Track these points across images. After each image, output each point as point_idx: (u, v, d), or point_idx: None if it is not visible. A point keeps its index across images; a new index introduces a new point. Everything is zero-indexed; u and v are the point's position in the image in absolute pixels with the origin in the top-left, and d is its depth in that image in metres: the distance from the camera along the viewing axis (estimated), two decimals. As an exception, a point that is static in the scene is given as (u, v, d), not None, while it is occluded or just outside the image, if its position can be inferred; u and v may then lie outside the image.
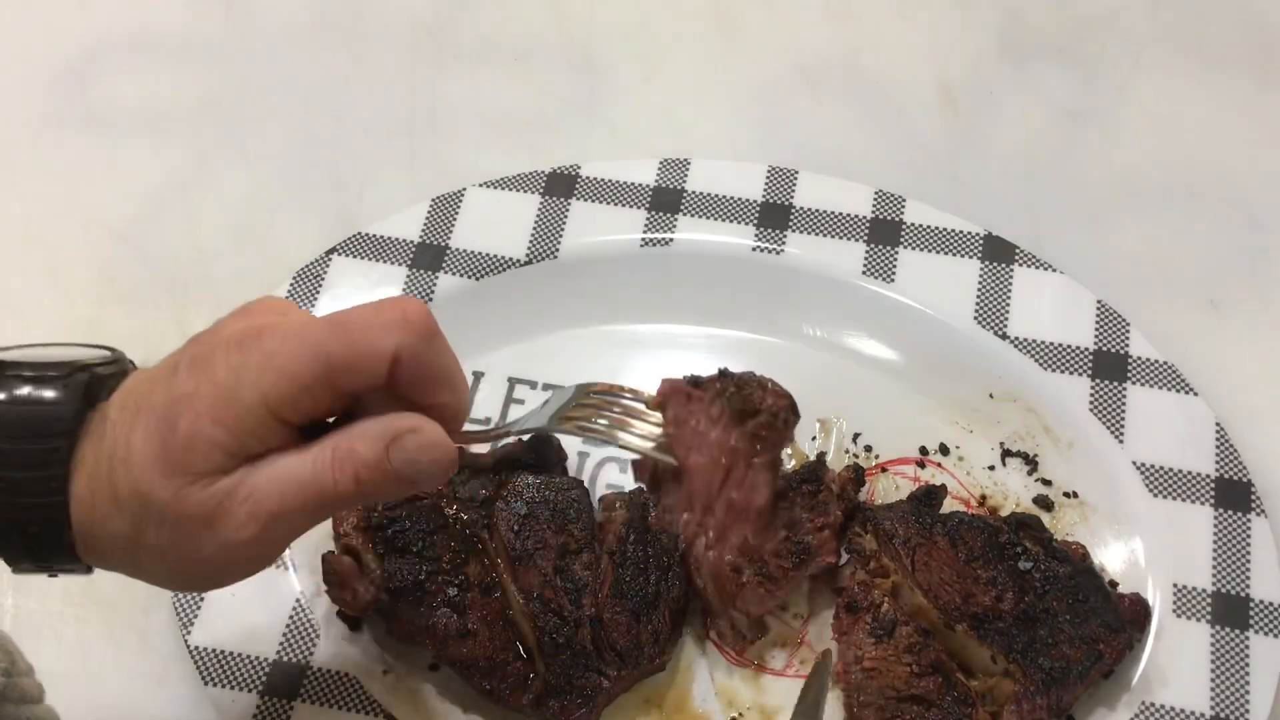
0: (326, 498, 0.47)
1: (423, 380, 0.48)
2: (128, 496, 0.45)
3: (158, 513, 0.45)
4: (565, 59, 0.90)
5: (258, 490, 0.46)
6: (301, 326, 0.47)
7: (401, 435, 0.47)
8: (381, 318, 0.47)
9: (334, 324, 0.47)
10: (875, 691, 0.60)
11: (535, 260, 0.76)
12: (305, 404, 0.46)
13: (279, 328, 0.46)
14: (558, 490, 0.66)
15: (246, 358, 0.45)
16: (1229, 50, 0.88)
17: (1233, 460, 0.68)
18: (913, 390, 0.73)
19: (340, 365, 0.46)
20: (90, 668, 0.67)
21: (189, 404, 0.45)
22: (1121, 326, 0.72)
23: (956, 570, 0.63)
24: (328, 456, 0.46)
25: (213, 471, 0.45)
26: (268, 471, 0.46)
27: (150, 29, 0.93)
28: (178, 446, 0.45)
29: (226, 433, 0.45)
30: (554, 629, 0.62)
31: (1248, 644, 0.63)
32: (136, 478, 0.45)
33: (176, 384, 0.46)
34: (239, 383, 0.45)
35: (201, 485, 0.45)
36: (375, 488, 0.47)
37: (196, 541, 0.46)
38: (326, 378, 0.46)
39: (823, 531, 0.64)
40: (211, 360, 0.46)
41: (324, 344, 0.46)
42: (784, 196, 0.77)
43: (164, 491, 0.45)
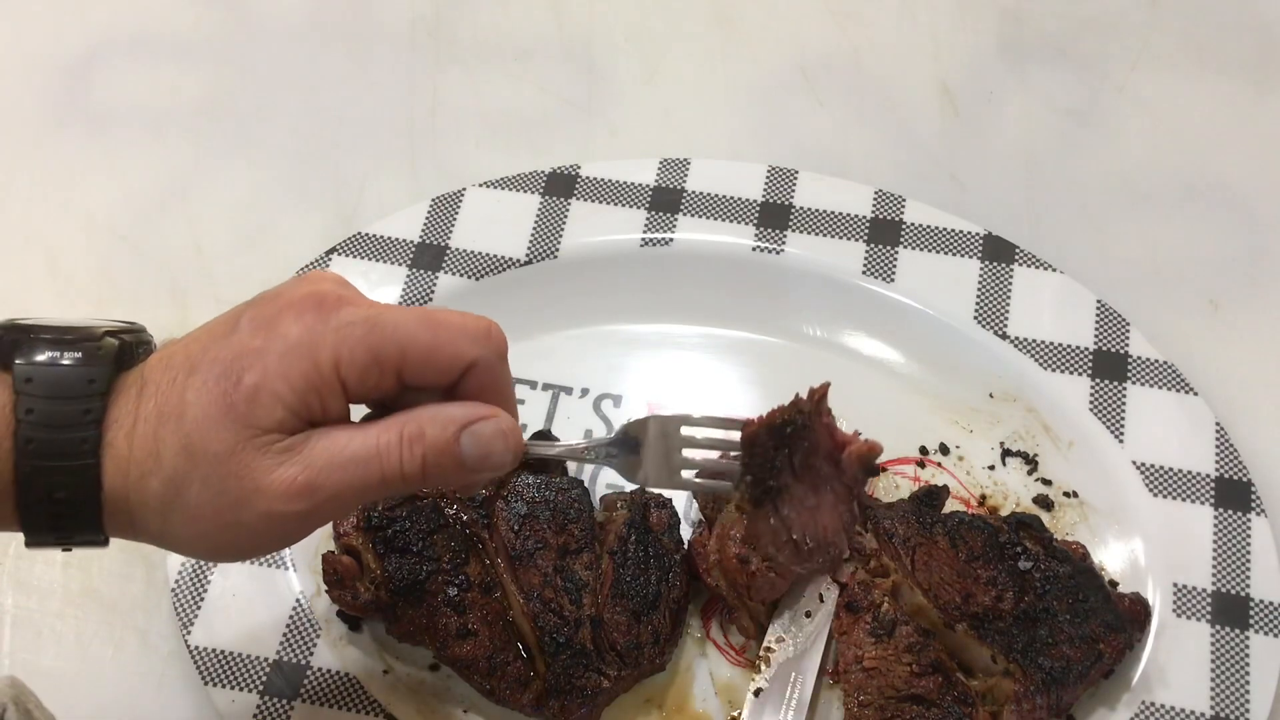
0: (388, 478, 0.46)
1: (484, 394, 0.49)
2: (174, 452, 0.44)
3: (206, 467, 0.44)
4: (565, 59, 0.90)
5: (316, 459, 0.45)
6: (388, 308, 0.48)
7: (475, 421, 0.48)
8: (469, 325, 0.49)
9: (423, 315, 0.48)
10: (875, 691, 0.60)
11: (535, 260, 0.76)
12: (372, 380, 0.46)
13: (361, 302, 0.47)
14: (558, 490, 0.66)
15: (325, 321, 0.46)
16: (1229, 50, 0.88)
17: (1233, 460, 0.68)
18: (913, 390, 0.73)
19: (421, 355, 0.47)
20: (90, 668, 0.67)
21: (257, 358, 0.45)
22: (1121, 326, 0.72)
23: (956, 570, 0.63)
24: (394, 437, 0.46)
25: (273, 428, 0.45)
26: (328, 442, 0.46)
27: (150, 29, 0.93)
28: (241, 399, 0.44)
29: (292, 390, 0.45)
30: (554, 629, 0.62)
31: (1248, 644, 0.63)
32: (189, 431, 0.44)
33: (239, 340, 0.46)
34: (314, 343, 0.45)
35: (260, 441, 0.45)
36: (441, 472, 0.47)
37: (240, 506, 0.45)
38: (402, 362, 0.47)
39: None
40: (281, 320, 0.46)
41: (411, 330, 0.47)
42: (784, 196, 0.77)
43: (219, 444, 0.44)
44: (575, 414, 0.74)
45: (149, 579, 0.69)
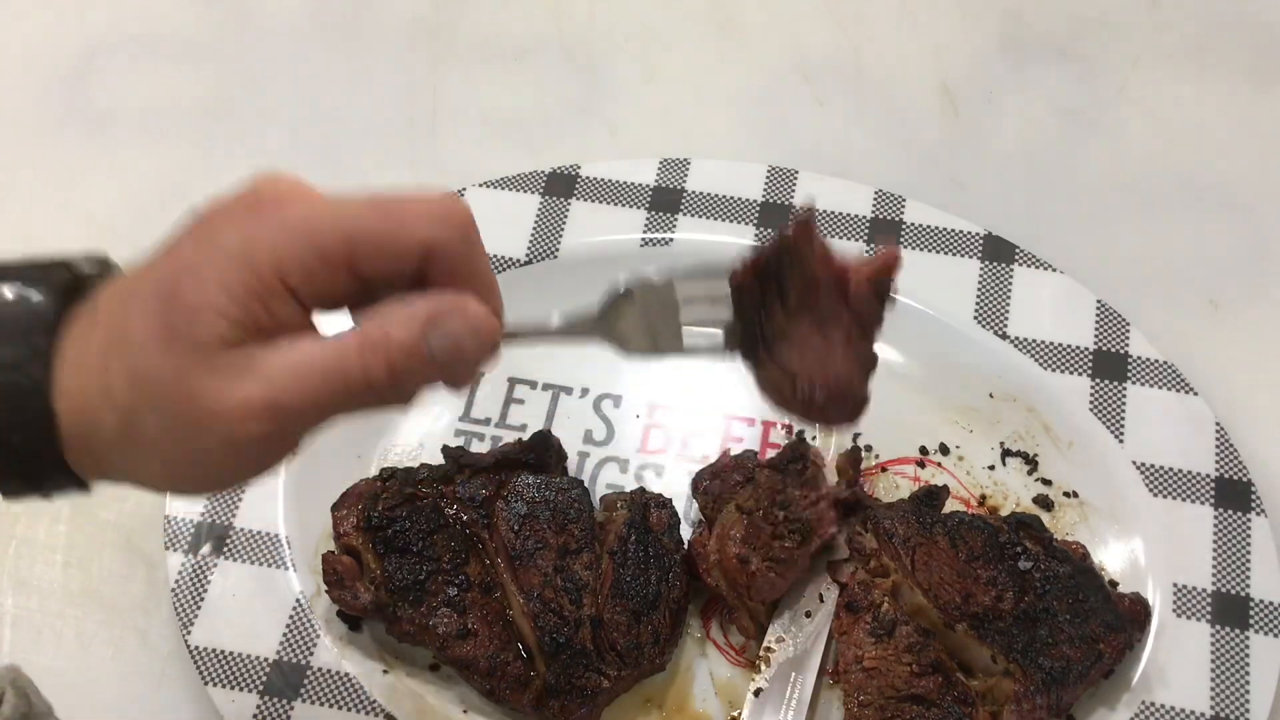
0: (352, 386, 0.42)
1: (453, 279, 0.44)
2: (123, 383, 0.41)
3: (156, 396, 0.41)
4: (565, 59, 0.90)
5: (273, 373, 0.41)
6: (331, 198, 0.43)
7: (442, 315, 0.42)
8: (422, 205, 0.43)
9: (369, 201, 0.43)
10: (875, 691, 0.60)
11: (535, 260, 0.76)
12: (321, 279, 0.42)
13: (304, 197, 0.43)
14: (558, 490, 0.66)
15: (263, 221, 0.42)
16: (1229, 50, 0.88)
17: (1233, 460, 0.68)
18: (913, 390, 0.73)
19: (369, 243, 0.42)
20: (90, 668, 0.67)
21: (193, 273, 0.41)
22: (1121, 326, 0.72)
23: (956, 570, 0.63)
24: (354, 340, 0.42)
25: (217, 344, 0.40)
26: (283, 353, 0.41)
27: (150, 29, 0.93)
28: (180, 318, 0.40)
29: (232, 300, 0.40)
30: (554, 629, 0.62)
31: (1248, 643, 0.63)
32: (134, 360, 0.41)
33: (176, 256, 0.42)
34: (251, 248, 0.41)
35: (205, 359, 0.40)
36: (412, 375, 0.43)
37: (198, 432, 0.41)
38: (350, 254, 0.42)
39: (818, 505, 0.64)
40: (219, 228, 0.42)
41: (355, 217, 0.42)
42: (784, 196, 0.77)
43: (164, 370, 0.40)
44: (575, 414, 0.74)
45: (149, 579, 0.69)
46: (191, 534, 0.67)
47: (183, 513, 0.68)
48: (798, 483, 0.65)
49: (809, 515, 0.64)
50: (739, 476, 0.66)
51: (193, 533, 0.67)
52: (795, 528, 0.64)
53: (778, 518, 0.64)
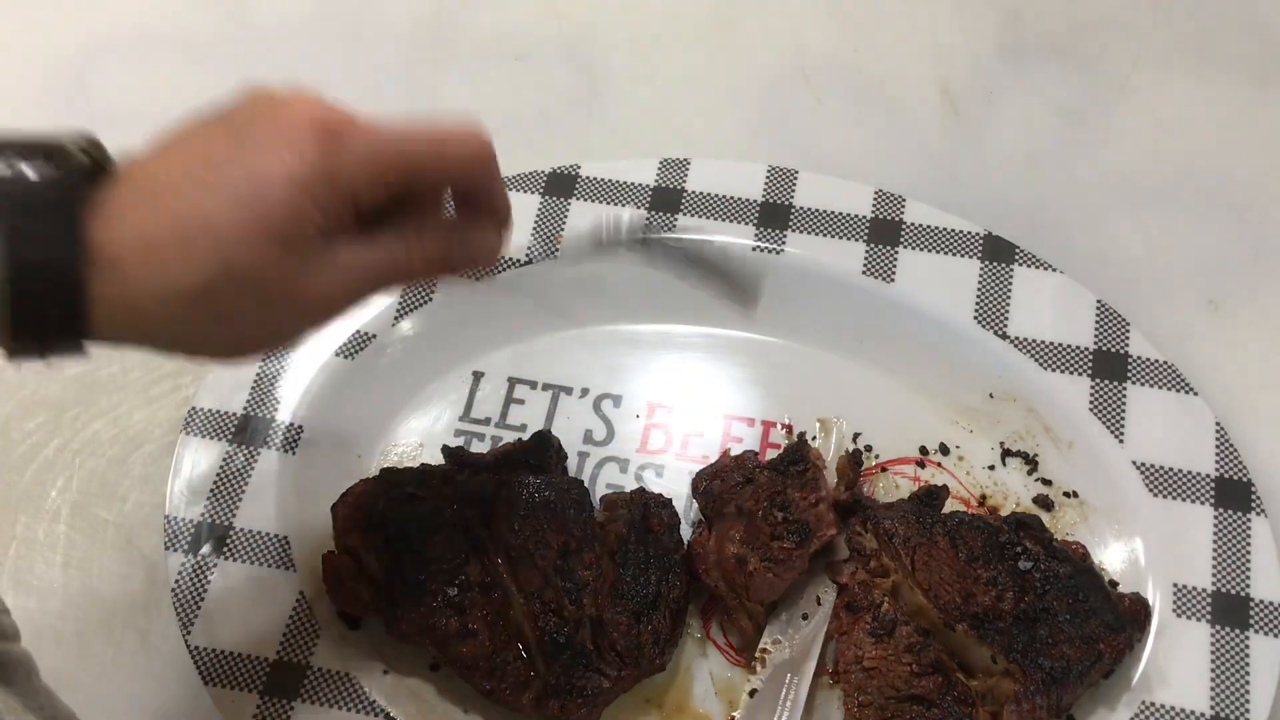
0: (395, 273, 0.53)
1: (475, 194, 0.55)
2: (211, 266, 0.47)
3: (245, 279, 0.48)
4: (565, 59, 0.90)
5: (346, 267, 0.50)
6: (382, 127, 0.51)
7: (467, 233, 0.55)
8: (458, 140, 0.53)
9: (418, 135, 0.52)
10: (875, 691, 0.60)
11: (535, 260, 0.76)
12: (380, 195, 0.51)
13: (357, 127, 0.51)
14: (558, 490, 0.66)
15: (340, 145, 0.49)
16: (1229, 50, 0.88)
17: (1233, 460, 0.68)
18: (913, 390, 0.73)
19: (419, 172, 0.52)
20: (90, 668, 0.67)
21: (286, 182, 0.48)
22: (1121, 326, 0.72)
23: (956, 570, 0.63)
24: (398, 244, 0.52)
25: (305, 244, 0.49)
26: (349, 257, 0.50)
27: (150, 29, 0.93)
28: (277, 219, 0.48)
29: (319, 210, 0.49)
30: (554, 629, 0.62)
31: (1248, 644, 0.63)
32: (225, 246, 0.47)
33: (257, 160, 0.49)
34: (333, 166, 0.49)
35: (296, 255, 0.48)
36: (433, 272, 0.54)
37: (277, 310, 0.49)
38: (404, 181, 0.51)
39: (817, 506, 0.65)
40: (299, 142, 0.49)
41: (412, 149, 0.52)
42: (784, 196, 0.77)
43: (258, 258, 0.47)
44: (575, 414, 0.74)
45: (149, 579, 0.69)
46: (191, 534, 0.67)
47: (183, 513, 0.68)
48: (798, 484, 0.65)
49: (808, 517, 0.64)
50: (739, 477, 0.66)
51: (193, 533, 0.67)
52: (794, 529, 0.64)
53: (777, 519, 0.64)
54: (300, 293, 0.49)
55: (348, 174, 0.49)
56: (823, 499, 0.65)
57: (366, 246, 0.51)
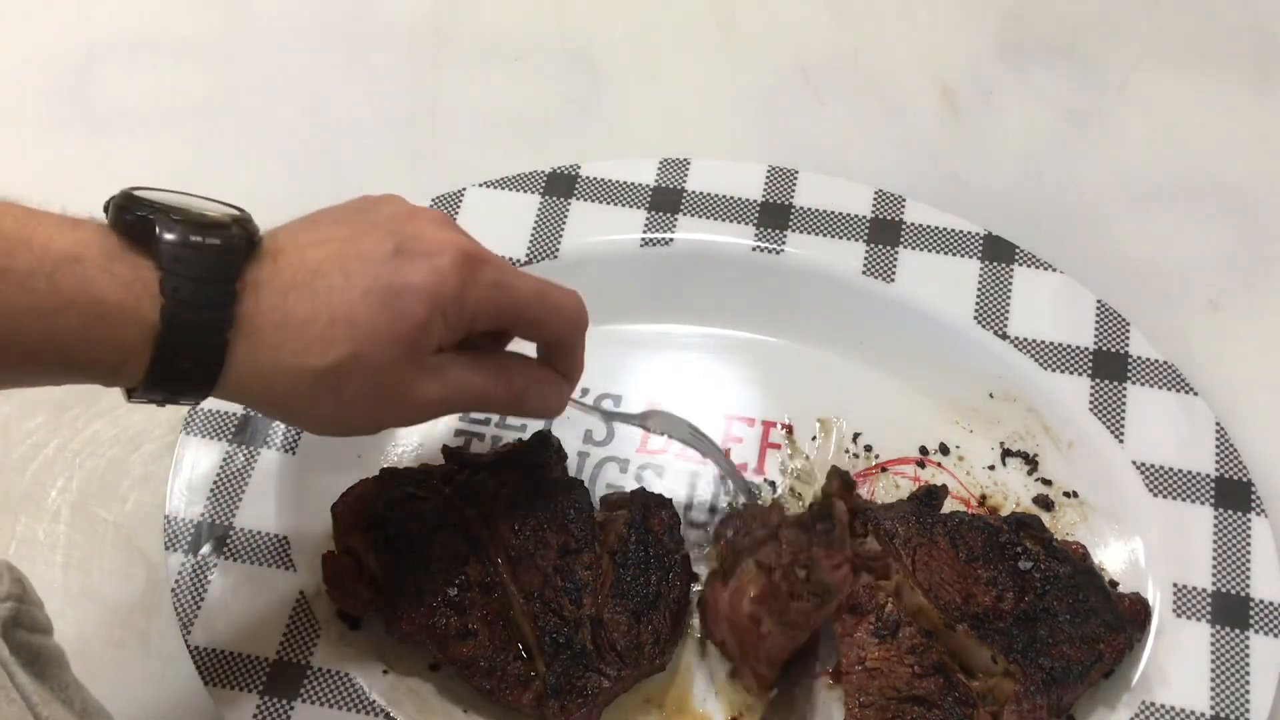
0: (482, 402, 0.59)
1: (563, 359, 0.62)
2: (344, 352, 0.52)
3: (372, 373, 0.53)
4: (565, 59, 0.90)
5: (450, 383, 0.56)
6: (515, 275, 0.58)
7: (545, 382, 0.61)
8: (570, 307, 0.60)
9: (539, 289, 0.59)
10: (876, 692, 0.60)
11: (535, 260, 0.76)
12: (488, 327, 0.58)
13: (494, 261, 0.57)
14: (558, 490, 0.66)
15: (474, 277, 0.55)
16: (1229, 50, 0.88)
17: (1233, 460, 0.68)
18: (913, 390, 0.73)
19: (529, 324, 0.59)
20: (90, 668, 0.67)
21: (424, 295, 0.53)
22: (1121, 326, 0.72)
23: (957, 570, 0.63)
24: (494, 378, 0.58)
25: (426, 353, 0.55)
26: (458, 372, 0.56)
27: (150, 29, 0.93)
28: (411, 327, 0.53)
29: (447, 328, 0.55)
30: (554, 629, 0.62)
31: (1248, 644, 0.63)
32: (361, 340, 0.52)
33: (401, 268, 0.53)
34: (464, 294, 0.54)
35: (416, 360, 0.54)
36: (509, 409, 0.61)
37: (389, 404, 0.55)
38: (514, 323, 0.58)
39: (840, 569, 0.62)
40: (439, 261, 0.54)
41: (529, 303, 0.58)
42: (784, 196, 0.77)
43: (387, 358, 0.53)
44: (575, 414, 0.74)
45: (149, 579, 0.69)
46: (191, 534, 0.67)
47: (183, 513, 0.68)
48: (823, 543, 0.62)
49: (831, 579, 0.62)
50: (762, 531, 0.64)
51: (193, 533, 0.67)
52: (816, 590, 0.61)
53: (797, 578, 0.62)
54: (409, 394, 0.55)
55: (474, 301, 0.55)
56: (847, 559, 0.62)
57: (470, 370, 0.57)
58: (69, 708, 0.50)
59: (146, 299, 0.49)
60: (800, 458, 0.72)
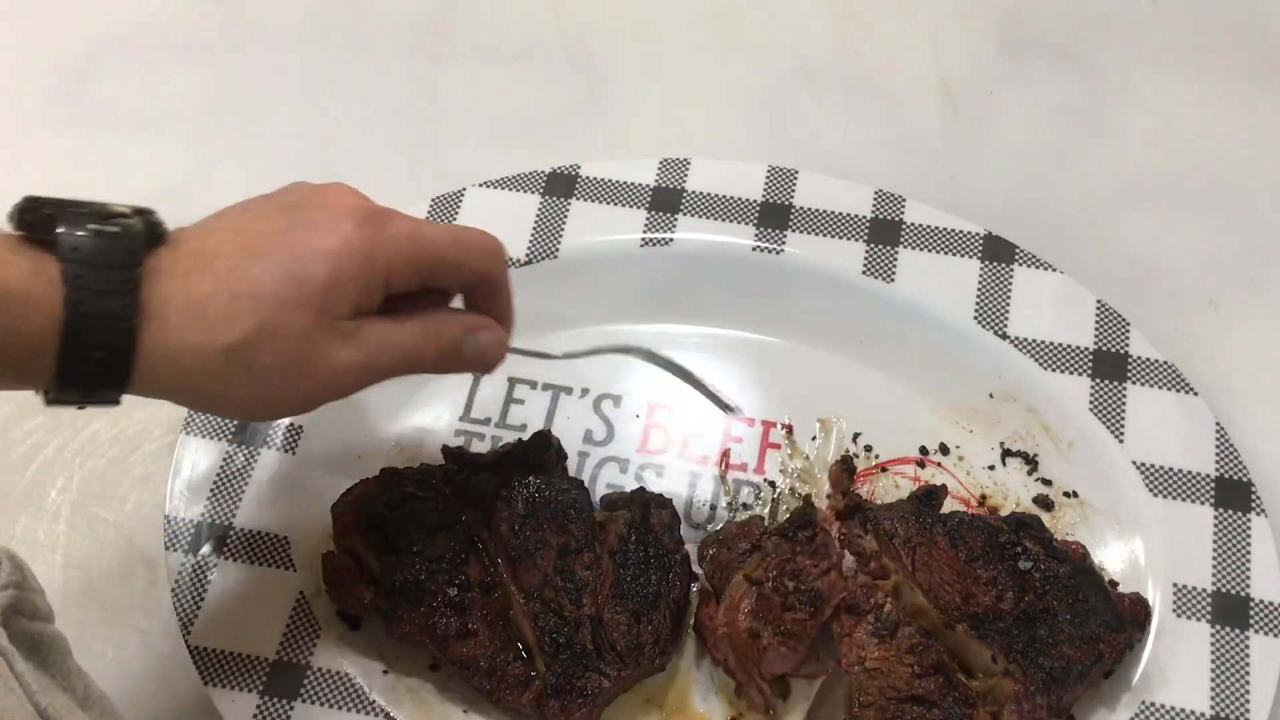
0: (412, 362, 0.57)
1: (489, 299, 0.60)
2: (250, 327, 0.51)
3: (282, 343, 0.52)
4: (565, 59, 0.90)
5: (369, 345, 0.55)
6: (419, 223, 0.57)
7: (478, 329, 0.59)
8: (485, 242, 0.59)
9: (450, 232, 0.58)
10: (876, 692, 0.60)
11: (535, 260, 0.76)
12: (408, 282, 0.56)
13: (397, 215, 0.56)
14: (558, 490, 0.66)
15: (381, 231, 0.54)
16: (1229, 50, 0.88)
17: (1233, 460, 0.68)
18: (913, 390, 0.73)
19: (448, 268, 0.57)
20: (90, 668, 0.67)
21: (329, 258, 0.53)
22: (1121, 326, 0.72)
23: (957, 570, 0.63)
24: (420, 332, 0.57)
25: (340, 317, 0.54)
26: (377, 332, 0.55)
27: (150, 29, 0.93)
28: (317, 290, 0.52)
29: (356, 287, 0.54)
30: (554, 629, 0.62)
31: (1248, 644, 0.63)
32: (267, 311, 0.51)
33: (305, 237, 0.53)
34: (373, 249, 0.54)
35: (329, 325, 0.53)
36: (445, 364, 0.59)
37: (306, 375, 0.53)
38: (432, 270, 0.57)
39: (829, 574, 0.63)
40: (342, 225, 0.54)
41: (443, 246, 0.57)
42: (784, 196, 0.77)
43: (296, 325, 0.52)
44: (575, 414, 0.74)
45: (149, 579, 0.69)
46: (191, 534, 0.67)
47: (183, 513, 0.68)
48: (807, 551, 0.64)
49: (820, 585, 0.63)
50: (746, 545, 0.65)
51: (193, 533, 0.67)
52: (807, 599, 0.62)
53: (788, 588, 0.62)
54: (325, 361, 0.53)
55: (384, 255, 0.54)
56: (834, 565, 0.63)
57: (391, 328, 0.56)
58: (71, 695, 0.50)
59: (51, 288, 0.48)
60: (800, 458, 0.72)
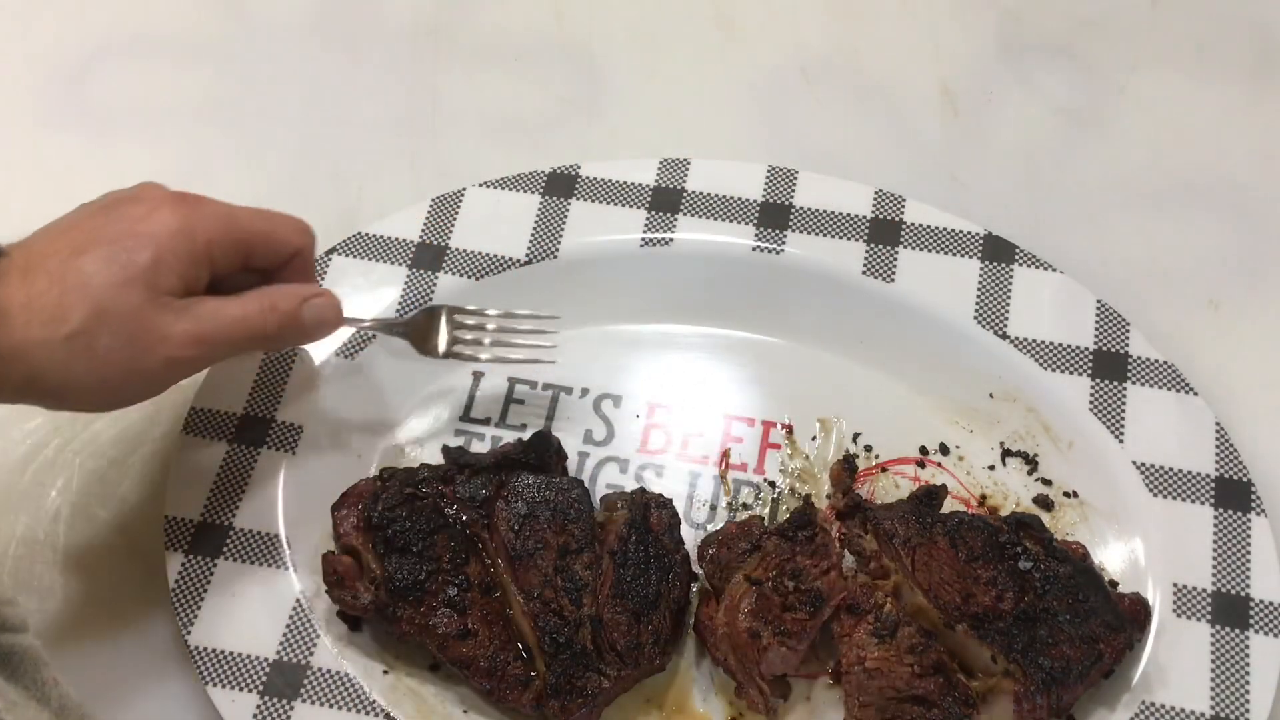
0: (254, 336, 0.62)
1: (302, 274, 0.65)
2: (85, 313, 0.55)
3: (116, 322, 0.56)
4: (565, 59, 0.90)
5: (203, 317, 0.59)
6: (230, 205, 0.62)
7: (312, 297, 0.64)
8: (292, 220, 0.65)
9: (258, 212, 0.63)
10: (876, 692, 0.60)
11: (535, 260, 0.76)
12: (228, 258, 0.61)
13: (208, 199, 0.61)
14: (558, 490, 0.66)
15: (197, 211, 0.60)
16: (1229, 50, 0.88)
17: (1233, 460, 0.68)
18: (913, 390, 0.73)
19: (263, 241, 0.63)
20: (90, 668, 0.67)
21: (150, 239, 0.57)
22: (1121, 326, 0.72)
23: (956, 570, 0.63)
24: (257, 305, 0.61)
25: (169, 292, 0.58)
26: (211, 306, 0.60)
27: (150, 29, 0.93)
28: (143, 269, 0.56)
29: (181, 262, 0.58)
30: (554, 629, 0.62)
31: (1248, 644, 0.63)
32: (98, 295, 0.55)
33: (125, 227, 0.58)
34: (192, 228, 0.59)
35: (161, 302, 0.57)
36: (288, 333, 0.64)
37: (145, 353, 0.57)
38: (249, 245, 0.62)
39: (828, 574, 0.63)
40: (159, 212, 0.58)
41: (255, 222, 0.63)
42: (784, 196, 0.77)
43: (128, 304, 0.56)
44: (575, 414, 0.74)
45: (149, 579, 0.69)
46: (191, 534, 0.67)
47: (183, 513, 0.68)
48: (807, 550, 0.64)
49: (820, 585, 0.63)
50: (745, 545, 0.65)
51: (193, 533, 0.67)
52: (807, 598, 0.62)
53: (788, 588, 0.62)
54: (162, 336, 0.57)
55: (203, 232, 0.59)
56: (833, 565, 0.63)
57: (225, 302, 0.60)
58: (45, 706, 0.50)
59: None
60: (800, 458, 0.72)
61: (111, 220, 0.58)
